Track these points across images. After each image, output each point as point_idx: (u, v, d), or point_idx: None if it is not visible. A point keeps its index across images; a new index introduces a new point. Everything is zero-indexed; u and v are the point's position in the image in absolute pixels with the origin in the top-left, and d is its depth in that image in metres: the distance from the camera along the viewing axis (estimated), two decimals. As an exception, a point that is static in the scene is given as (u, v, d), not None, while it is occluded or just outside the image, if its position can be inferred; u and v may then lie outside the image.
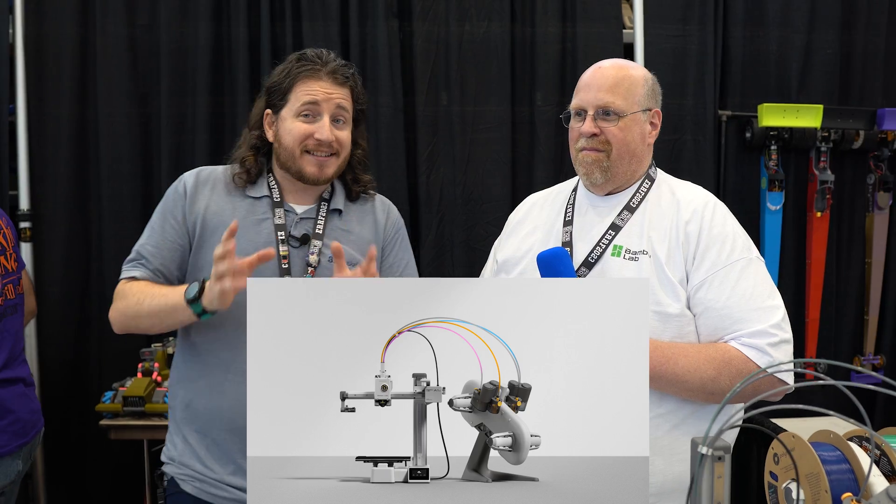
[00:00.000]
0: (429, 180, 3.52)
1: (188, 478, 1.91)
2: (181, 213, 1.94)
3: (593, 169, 1.85)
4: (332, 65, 1.93)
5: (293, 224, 1.94)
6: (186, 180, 1.98)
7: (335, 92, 1.91)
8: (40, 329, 3.42)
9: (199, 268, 1.91)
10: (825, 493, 1.12)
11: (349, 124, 1.97)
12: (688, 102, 3.60)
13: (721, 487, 1.13)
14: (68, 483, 3.48)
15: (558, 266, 1.76)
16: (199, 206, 1.93)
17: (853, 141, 3.64)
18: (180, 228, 1.93)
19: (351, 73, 1.96)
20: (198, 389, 1.91)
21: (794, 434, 1.19)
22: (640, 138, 1.87)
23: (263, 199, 1.95)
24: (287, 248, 1.90)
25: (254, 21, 3.44)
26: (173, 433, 1.98)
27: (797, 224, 3.71)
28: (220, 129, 3.46)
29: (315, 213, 1.96)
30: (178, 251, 1.94)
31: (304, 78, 1.91)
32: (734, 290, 1.74)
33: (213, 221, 1.91)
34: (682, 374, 1.71)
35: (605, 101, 1.83)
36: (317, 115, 1.90)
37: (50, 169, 3.43)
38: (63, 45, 3.42)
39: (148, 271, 1.92)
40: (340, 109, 1.92)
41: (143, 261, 1.93)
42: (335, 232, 1.96)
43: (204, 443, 1.89)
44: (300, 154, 1.90)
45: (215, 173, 2.01)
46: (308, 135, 1.89)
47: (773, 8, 3.64)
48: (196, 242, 1.92)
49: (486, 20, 3.52)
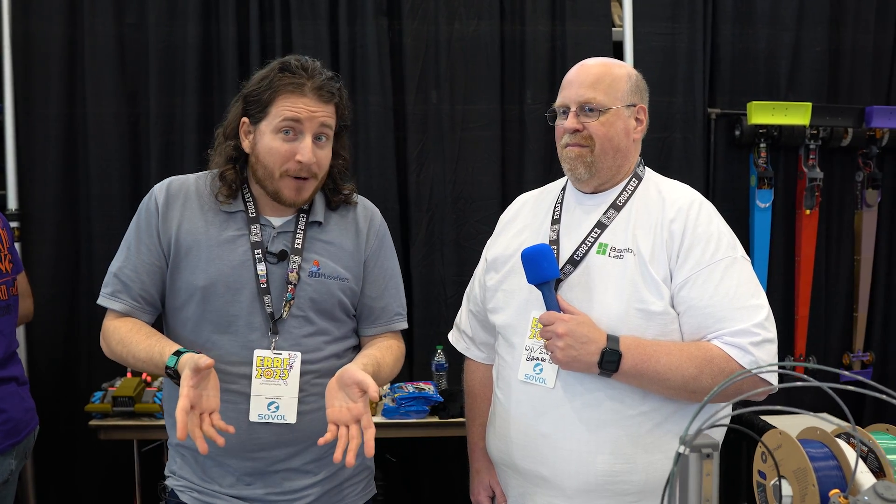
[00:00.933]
0: (419, 179, 3.52)
1: (186, 489, 1.90)
2: (155, 233, 1.85)
3: (577, 164, 1.86)
4: (319, 80, 1.80)
5: (270, 239, 1.86)
6: (157, 196, 1.87)
7: (319, 110, 1.79)
8: (29, 329, 3.40)
9: (176, 291, 1.84)
10: (812, 487, 1.13)
11: (331, 141, 1.86)
12: (677, 100, 3.62)
13: (710, 485, 1.13)
14: (58, 483, 3.47)
15: (542, 263, 1.76)
16: (171, 224, 1.84)
17: (842, 138, 3.65)
18: (156, 249, 1.85)
19: (337, 87, 1.84)
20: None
21: (780, 431, 1.20)
22: (624, 133, 1.87)
23: (238, 213, 1.86)
24: (265, 266, 1.83)
25: (243, 20, 3.44)
26: (172, 448, 1.95)
27: (786, 221, 3.73)
28: (209, 128, 3.41)
29: (294, 226, 1.88)
30: (157, 273, 1.85)
31: (287, 93, 1.78)
32: (717, 289, 1.74)
33: (187, 241, 1.83)
34: (664, 371, 1.71)
35: (587, 97, 1.84)
36: (298, 133, 1.78)
37: (38, 168, 3.42)
38: (51, 43, 3.41)
39: (129, 301, 1.85)
40: (323, 128, 1.81)
41: (123, 290, 1.86)
42: (315, 244, 1.89)
43: (200, 458, 1.86)
44: (279, 176, 1.80)
45: (186, 185, 1.90)
46: (289, 157, 1.77)
47: (762, 6, 3.66)
48: (171, 263, 1.84)
49: (475, 19, 3.52)
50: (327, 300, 1.86)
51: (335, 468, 1.89)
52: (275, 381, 1.80)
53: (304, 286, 1.84)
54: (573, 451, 1.78)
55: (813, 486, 1.13)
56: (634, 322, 1.76)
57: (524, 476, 1.88)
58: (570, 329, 1.72)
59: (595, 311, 1.78)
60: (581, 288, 1.82)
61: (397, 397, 3.15)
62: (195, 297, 1.81)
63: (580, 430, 1.77)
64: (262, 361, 1.81)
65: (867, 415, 3.68)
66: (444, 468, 3.56)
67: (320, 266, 1.86)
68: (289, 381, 1.80)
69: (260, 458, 1.83)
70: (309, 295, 1.84)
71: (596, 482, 1.77)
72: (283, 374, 1.81)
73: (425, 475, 3.63)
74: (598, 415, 1.77)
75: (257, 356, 1.80)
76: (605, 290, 1.79)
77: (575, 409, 1.78)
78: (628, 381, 1.74)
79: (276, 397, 1.80)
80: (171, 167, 3.41)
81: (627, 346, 1.72)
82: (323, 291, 1.86)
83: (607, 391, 1.76)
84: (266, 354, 1.81)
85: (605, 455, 1.76)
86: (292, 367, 1.81)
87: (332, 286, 1.87)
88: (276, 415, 1.80)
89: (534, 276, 1.78)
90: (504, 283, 1.95)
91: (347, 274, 1.90)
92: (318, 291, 1.85)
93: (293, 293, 1.83)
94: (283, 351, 1.82)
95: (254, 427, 1.80)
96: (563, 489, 1.80)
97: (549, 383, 1.81)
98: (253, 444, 1.81)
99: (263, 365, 1.81)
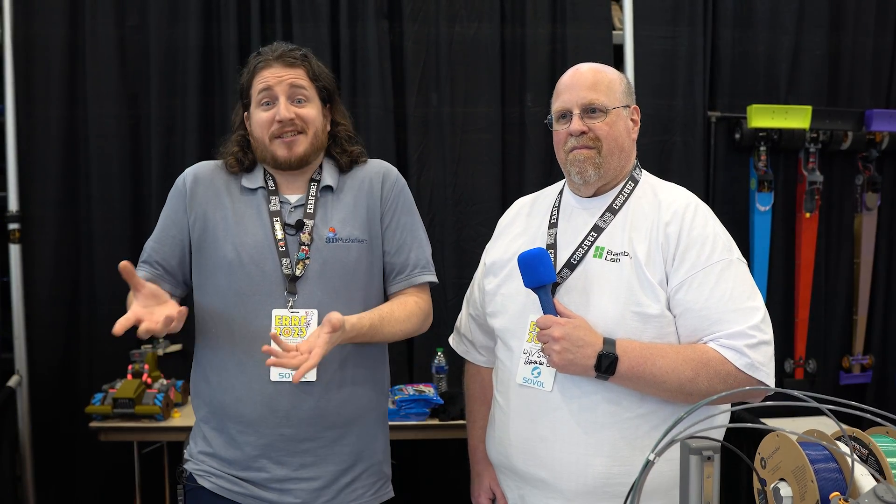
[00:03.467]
0: (419, 181, 3.52)
1: (206, 473, 1.95)
2: (182, 209, 1.99)
3: (586, 166, 1.86)
4: (280, 50, 1.97)
5: (288, 213, 1.96)
6: (186, 177, 2.02)
7: (285, 73, 1.94)
8: (29, 331, 3.41)
9: (203, 265, 1.96)
10: (811, 483, 1.12)
11: (312, 101, 1.98)
12: (677, 103, 3.62)
13: (710, 487, 1.13)
14: (58, 485, 3.47)
15: (538, 267, 1.77)
16: (198, 203, 1.98)
17: (842, 142, 3.66)
18: (181, 223, 1.98)
19: (300, 53, 1.99)
20: (213, 387, 1.94)
21: (778, 434, 1.20)
22: (626, 133, 1.89)
23: (259, 190, 1.99)
24: (282, 232, 1.92)
25: (244, 22, 3.44)
26: (195, 431, 2.02)
27: (786, 225, 3.73)
28: (210, 130, 3.45)
29: (305, 199, 1.98)
30: (178, 246, 1.99)
31: (259, 70, 1.96)
32: (713, 292, 1.74)
33: (214, 217, 1.96)
34: (661, 374, 1.71)
35: (590, 99, 1.85)
36: (273, 99, 1.93)
37: (39, 170, 3.42)
38: (52, 45, 3.41)
39: (150, 268, 1.98)
40: (295, 88, 1.94)
41: (146, 260, 2.00)
42: (330, 211, 1.97)
43: (220, 439, 1.93)
44: (269, 141, 1.94)
45: (213, 168, 2.05)
46: (270, 120, 1.92)
47: (761, 9, 3.66)
48: (197, 239, 1.96)
49: (476, 21, 3.53)
50: (347, 264, 1.94)
51: (350, 462, 1.93)
52: (293, 339, 1.84)
53: (322, 251, 1.92)
54: (571, 454, 1.78)
55: (812, 483, 1.13)
56: (631, 325, 1.76)
57: (523, 478, 1.89)
58: (567, 332, 1.72)
59: (592, 314, 1.78)
60: (578, 291, 1.82)
61: (397, 400, 3.15)
62: (221, 268, 1.92)
63: (577, 433, 1.78)
64: (281, 320, 1.88)
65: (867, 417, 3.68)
66: (445, 471, 3.56)
67: (337, 231, 1.95)
68: (307, 338, 1.82)
69: (280, 437, 1.87)
70: (327, 258, 1.92)
71: (594, 484, 1.77)
72: (300, 331, 1.88)
73: (426, 478, 3.63)
74: (595, 418, 1.77)
75: (275, 315, 1.88)
76: (601, 294, 1.80)
77: (572, 412, 1.78)
78: (625, 383, 1.74)
79: None
80: (171, 169, 3.41)
81: (624, 349, 1.72)
82: (340, 255, 1.94)
83: (604, 394, 1.76)
84: (284, 313, 1.89)
85: (603, 458, 1.76)
86: (309, 325, 1.88)
87: (351, 250, 1.95)
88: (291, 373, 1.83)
89: (530, 281, 1.78)
90: (502, 287, 1.96)
91: (365, 236, 1.97)
92: (334, 256, 1.93)
93: (306, 253, 1.91)
94: (301, 309, 1.88)
95: (276, 391, 1.86)
96: (561, 491, 1.80)
97: (546, 386, 1.82)
98: (275, 408, 1.86)
99: (282, 324, 1.88)
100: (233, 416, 1.90)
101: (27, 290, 3.40)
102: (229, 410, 1.91)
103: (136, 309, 1.70)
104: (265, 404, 1.87)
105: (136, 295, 1.73)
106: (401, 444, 3.31)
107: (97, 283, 3.43)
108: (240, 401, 1.89)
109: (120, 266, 1.68)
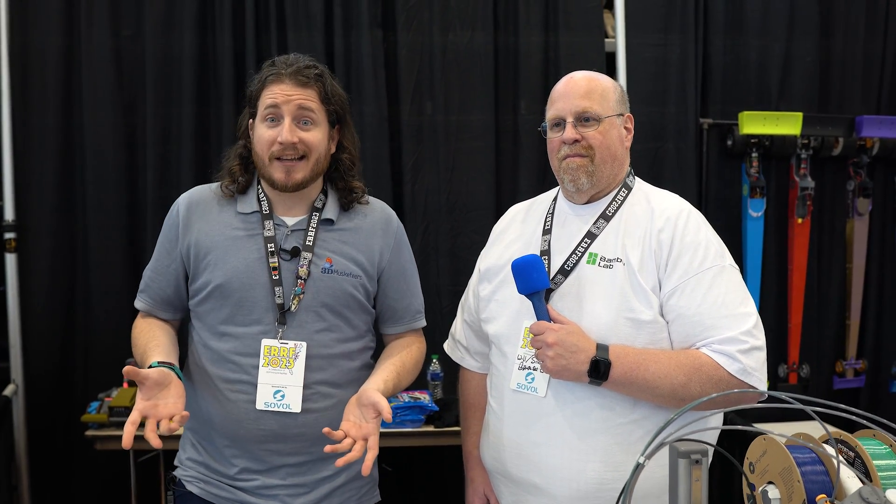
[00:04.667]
0: (414, 189, 3.54)
1: (194, 479, 1.96)
2: (174, 239, 1.96)
3: (579, 174, 1.87)
4: (296, 66, 1.89)
5: (284, 237, 1.93)
6: (180, 205, 1.99)
7: (296, 93, 1.87)
8: (26, 339, 3.41)
9: (197, 290, 1.94)
10: (797, 483, 1.14)
11: (319, 125, 1.91)
12: (669, 110, 3.64)
13: (699, 490, 1.14)
14: (53, 493, 3.47)
15: (532, 273, 1.78)
16: (191, 231, 1.94)
17: (833, 148, 3.68)
18: (173, 253, 1.97)
19: (315, 73, 1.91)
20: (201, 403, 1.94)
21: (765, 437, 1.21)
22: (619, 141, 1.91)
23: (253, 214, 1.95)
24: (277, 259, 1.90)
25: (238, 31, 3.46)
26: (184, 439, 2.04)
27: (778, 230, 3.75)
28: (205, 139, 3.46)
29: (306, 224, 1.95)
30: (172, 276, 1.98)
31: (269, 83, 1.89)
32: (705, 298, 1.76)
33: (206, 243, 1.92)
34: (653, 379, 1.72)
35: (583, 107, 1.86)
36: (279, 118, 1.87)
37: (35, 179, 3.43)
38: (48, 54, 3.42)
39: (149, 300, 2.02)
40: (303, 110, 1.88)
41: (145, 289, 2.03)
42: (328, 242, 1.95)
43: (208, 448, 1.95)
44: (269, 161, 1.89)
45: (207, 193, 2.01)
46: (272, 140, 1.86)
47: (752, 17, 3.69)
48: (192, 267, 1.95)
49: (469, 30, 3.55)
50: (340, 296, 1.93)
51: (337, 470, 1.92)
52: (281, 370, 1.87)
53: (317, 282, 1.91)
54: (564, 459, 1.79)
55: (798, 483, 1.14)
56: (624, 331, 1.78)
57: (517, 484, 1.90)
58: (560, 338, 1.73)
59: (585, 320, 1.80)
60: (571, 297, 1.83)
61: (393, 406, 3.15)
62: (213, 293, 1.90)
63: (571, 439, 1.79)
64: (270, 350, 1.88)
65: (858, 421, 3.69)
66: (440, 477, 3.57)
67: (333, 263, 1.94)
68: (294, 370, 1.87)
69: (266, 451, 1.89)
70: (321, 290, 1.91)
71: (587, 490, 1.78)
72: (288, 363, 1.88)
73: (421, 484, 3.63)
74: (589, 423, 1.78)
75: (265, 345, 1.88)
76: (594, 300, 1.81)
77: (566, 418, 1.80)
78: (618, 389, 1.76)
79: (282, 386, 1.87)
80: (167, 177, 3.42)
81: (617, 355, 1.73)
82: (335, 288, 1.92)
83: (597, 399, 1.78)
84: (273, 344, 1.88)
85: (596, 463, 1.77)
86: (298, 357, 1.88)
87: (345, 283, 1.94)
88: (282, 403, 1.86)
89: (524, 287, 1.80)
90: (497, 293, 1.97)
91: (360, 271, 1.96)
92: (330, 287, 1.92)
93: (302, 287, 1.89)
94: (290, 341, 1.88)
95: (261, 416, 1.87)
96: (554, 497, 1.81)
97: (540, 392, 1.83)
98: (260, 433, 1.87)
99: (270, 354, 1.88)
100: (220, 432, 1.91)
101: (23, 298, 3.40)
102: (216, 426, 1.91)
103: (139, 406, 1.68)
104: (253, 426, 1.87)
105: (141, 388, 1.70)
106: (396, 450, 3.32)
107: (93, 292, 3.43)
108: (226, 420, 1.89)
109: (123, 371, 1.67)
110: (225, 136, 3.37)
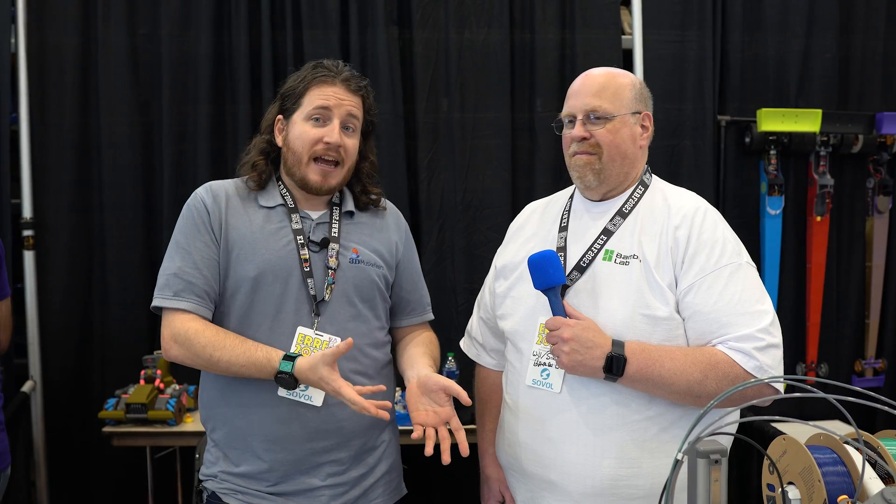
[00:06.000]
0: (429, 187, 3.53)
1: (230, 491, 1.92)
2: (209, 229, 1.91)
3: (585, 171, 1.88)
4: (346, 73, 1.96)
5: (311, 229, 1.96)
6: (203, 196, 1.94)
7: (347, 99, 1.93)
8: (43, 336, 3.43)
9: (225, 284, 1.90)
10: (818, 483, 1.13)
11: (357, 133, 1.98)
12: (687, 108, 3.62)
13: (718, 491, 1.13)
14: (71, 490, 3.49)
15: (548, 269, 1.78)
16: (221, 220, 1.92)
17: (852, 145, 3.65)
18: (213, 244, 1.91)
19: (364, 83, 1.99)
20: (233, 406, 1.91)
21: (786, 437, 1.20)
22: (631, 140, 1.89)
23: (278, 207, 1.96)
24: (308, 251, 1.92)
25: (254, 30, 3.46)
26: (213, 453, 1.98)
27: (797, 228, 3.72)
28: (221, 137, 3.47)
29: (329, 218, 1.98)
30: (215, 266, 1.90)
31: (319, 83, 1.93)
32: (722, 295, 1.75)
33: (234, 237, 1.91)
34: (669, 376, 1.72)
35: (593, 105, 1.86)
36: (327, 119, 1.91)
37: (52, 177, 3.45)
38: (65, 54, 3.44)
39: (195, 298, 1.87)
40: (351, 117, 1.94)
41: (186, 288, 1.87)
42: (352, 234, 1.99)
43: (245, 457, 1.91)
44: (307, 161, 1.91)
45: (225, 187, 1.99)
46: (318, 139, 1.90)
47: (771, 13, 3.66)
48: (223, 261, 1.91)
49: (485, 27, 3.54)
50: (368, 286, 1.97)
51: (373, 465, 1.97)
52: None
53: (346, 271, 1.94)
54: (579, 456, 1.79)
55: (819, 482, 1.13)
56: (640, 327, 1.77)
57: (532, 480, 1.90)
58: (576, 334, 1.73)
59: (601, 316, 1.79)
60: (587, 294, 1.83)
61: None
62: (244, 287, 1.89)
63: (586, 435, 1.78)
64: (303, 339, 1.88)
65: (879, 421, 3.66)
66: (455, 474, 3.56)
67: (359, 253, 1.98)
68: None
69: (306, 450, 1.88)
70: (351, 280, 1.94)
71: (602, 486, 1.78)
72: None
73: (436, 481, 3.63)
74: (604, 419, 1.78)
75: (299, 333, 1.88)
76: (610, 296, 1.80)
77: (581, 414, 1.79)
78: (633, 385, 1.75)
79: None
80: (183, 176, 3.44)
81: (632, 351, 1.73)
82: (363, 277, 1.96)
83: (613, 396, 1.77)
84: (308, 333, 1.88)
85: (611, 459, 1.77)
86: None
87: (372, 272, 1.98)
88: (304, 394, 1.85)
89: (540, 282, 1.79)
90: (513, 289, 1.97)
91: (382, 262, 2.01)
92: (358, 277, 1.95)
93: (334, 277, 1.91)
94: (325, 333, 1.89)
95: (298, 408, 1.86)
96: (569, 493, 1.81)
97: (555, 388, 1.83)
98: (301, 424, 1.86)
99: (304, 342, 1.87)
100: (257, 434, 1.89)
101: (41, 296, 3.42)
102: (254, 429, 1.89)
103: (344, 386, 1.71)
104: (290, 422, 1.86)
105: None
106: (413, 447, 3.31)
107: (110, 290, 3.45)
108: (263, 420, 1.87)
109: (345, 347, 1.71)
110: (241, 135, 3.37)
